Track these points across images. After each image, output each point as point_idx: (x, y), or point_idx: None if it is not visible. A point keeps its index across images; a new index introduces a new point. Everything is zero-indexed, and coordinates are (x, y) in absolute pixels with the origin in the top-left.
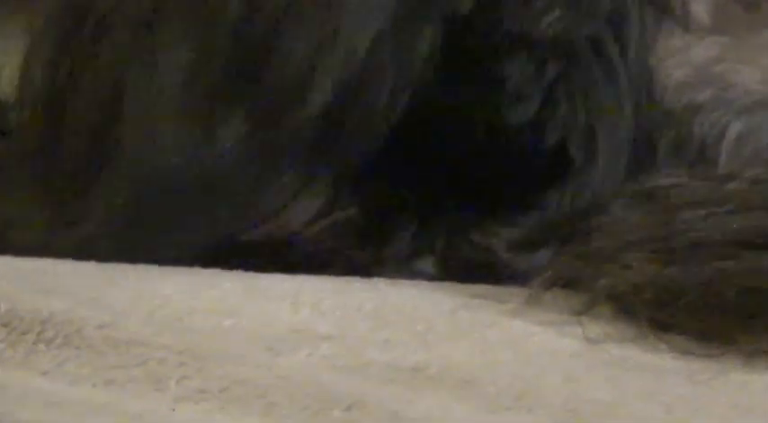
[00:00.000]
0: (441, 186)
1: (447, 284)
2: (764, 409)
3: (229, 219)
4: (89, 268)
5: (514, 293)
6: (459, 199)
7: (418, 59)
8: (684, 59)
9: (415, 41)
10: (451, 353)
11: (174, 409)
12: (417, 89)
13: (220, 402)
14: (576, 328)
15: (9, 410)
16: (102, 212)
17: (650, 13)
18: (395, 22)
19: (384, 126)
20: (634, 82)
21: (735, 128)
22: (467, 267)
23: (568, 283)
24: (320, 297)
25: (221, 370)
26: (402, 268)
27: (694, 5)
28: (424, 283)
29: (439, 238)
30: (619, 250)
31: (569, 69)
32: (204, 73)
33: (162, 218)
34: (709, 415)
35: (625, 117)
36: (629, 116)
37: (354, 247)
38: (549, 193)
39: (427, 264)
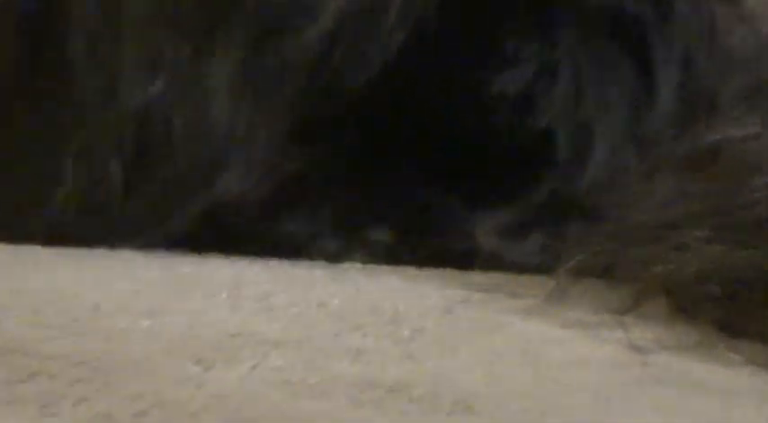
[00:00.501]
0: (414, 149)
1: (439, 272)
2: None
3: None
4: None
5: (529, 285)
6: (431, 169)
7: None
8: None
9: None
10: (445, 366)
11: None
12: (416, 25)
13: None
14: (614, 332)
15: None
16: None
17: None
18: None
19: (378, 61)
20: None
21: None
22: (440, 256)
23: (603, 272)
24: (269, 289)
25: (134, 388)
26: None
27: None
28: (410, 271)
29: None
30: (669, 227)
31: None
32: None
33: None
34: None
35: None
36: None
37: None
38: (542, 174)
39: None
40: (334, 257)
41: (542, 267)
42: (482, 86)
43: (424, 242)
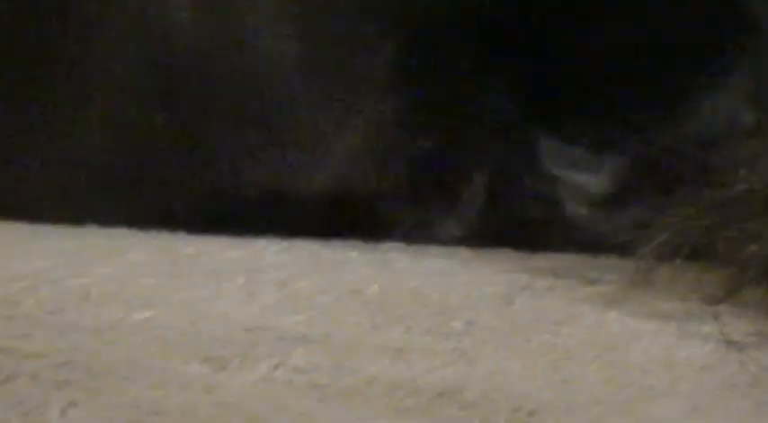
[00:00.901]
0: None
1: (496, 253)
2: None
3: None
4: None
5: (607, 268)
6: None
7: None
8: None
9: None
10: (505, 366)
11: None
12: None
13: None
14: (708, 324)
15: None
16: None
17: None
18: None
19: None
20: None
21: None
22: (511, 226)
23: (696, 254)
24: (293, 274)
25: (130, 393)
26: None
27: None
28: (463, 252)
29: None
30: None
31: None
32: None
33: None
34: None
35: None
36: None
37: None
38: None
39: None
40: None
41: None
42: None
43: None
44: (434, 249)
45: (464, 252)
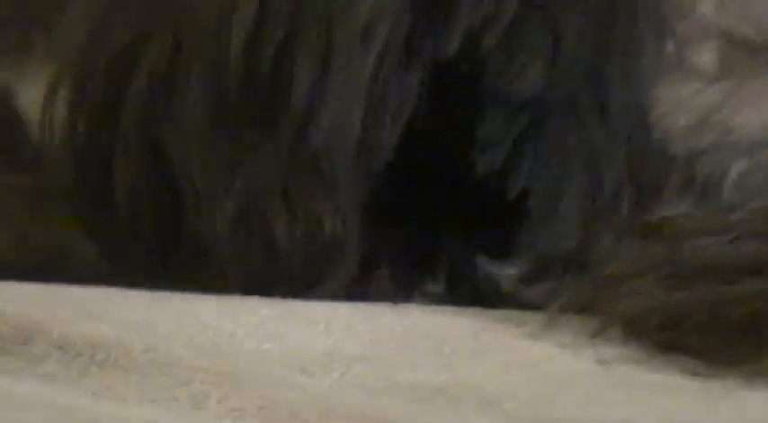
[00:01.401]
0: (435, 220)
1: (470, 310)
2: None
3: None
4: (136, 296)
5: (531, 318)
6: (454, 234)
7: (407, 99)
8: (688, 107)
9: (404, 81)
10: (474, 373)
11: None
12: (407, 127)
13: (257, 421)
14: (590, 349)
15: None
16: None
17: (655, 64)
18: (386, 59)
19: (380, 162)
20: (620, 136)
21: (736, 168)
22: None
23: (582, 308)
24: (353, 321)
25: (259, 391)
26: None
27: (701, 55)
28: (450, 309)
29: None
30: (628, 277)
31: (540, 126)
32: (221, 109)
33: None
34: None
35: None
36: (605, 167)
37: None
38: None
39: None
40: (403, 299)
41: (543, 305)
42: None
43: (464, 289)
44: (428, 308)
45: (451, 308)
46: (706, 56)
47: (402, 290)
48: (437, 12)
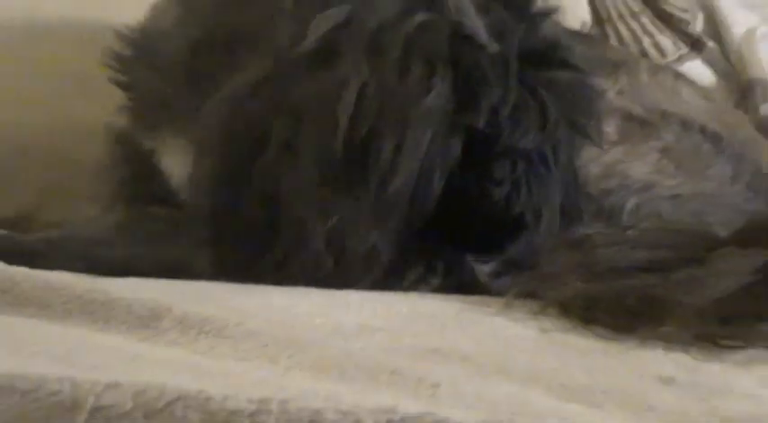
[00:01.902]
0: (452, 236)
1: (456, 296)
2: (650, 372)
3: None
4: (231, 288)
5: (496, 301)
6: (459, 244)
7: (450, 158)
8: (599, 162)
9: (450, 146)
10: (457, 339)
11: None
12: (448, 177)
13: (314, 371)
14: (534, 322)
15: (169, 378)
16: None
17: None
18: (440, 131)
19: (430, 202)
20: (563, 177)
21: (630, 203)
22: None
23: (529, 295)
24: (376, 305)
25: (314, 351)
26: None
27: (607, 127)
28: (440, 295)
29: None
30: (561, 274)
31: (528, 168)
32: (327, 171)
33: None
34: (614, 375)
35: (556, 199)
36: (559, 199)
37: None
38: (513, 242)
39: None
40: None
41: (505, 292)
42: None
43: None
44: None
45: (440, 295)
46: (610, 127)
47: (412, 282)
48: (471, 100)
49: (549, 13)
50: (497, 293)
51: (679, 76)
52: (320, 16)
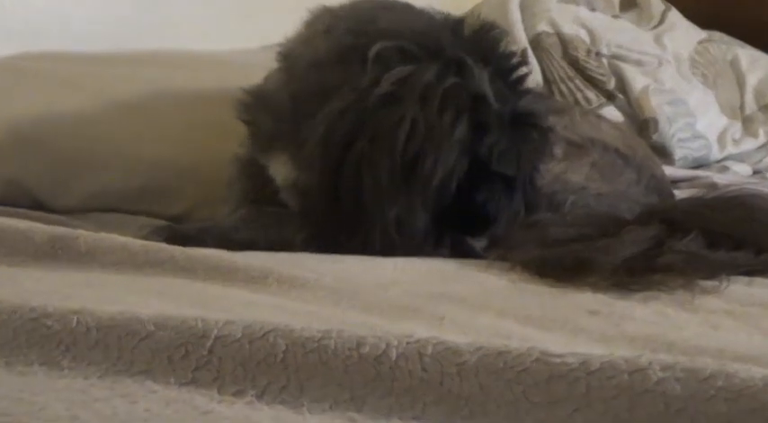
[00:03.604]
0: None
1: (456, 259)
2: (582, 307)
3: None
4: (315, 257)
5: (483, 263)
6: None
7: (462, 171)
8: (550, 172)
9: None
10: (456, 287)
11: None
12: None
13: (361, 311)
14: (507, 275)
15: (267, 316)
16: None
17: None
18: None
19: (449, 198)
20: (526, 185)
21: (570, 199)
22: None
23: (503, 258)
24: (405, 265)
25: (365, 297)
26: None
27: (555, 149)
28: (448, 259)
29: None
30: (523, 244)
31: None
32: (391, 176)
33: None
34: (558, 309)
35: (518, 205)
36: (522, 202)
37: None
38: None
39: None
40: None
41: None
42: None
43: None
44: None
45: (450, 259)
46: (557, 149)
47: (432, 251)
48: (478, 137)
49: (530, 90)
50: (484, 258)
51: (600, 116)
52: (389, 74)
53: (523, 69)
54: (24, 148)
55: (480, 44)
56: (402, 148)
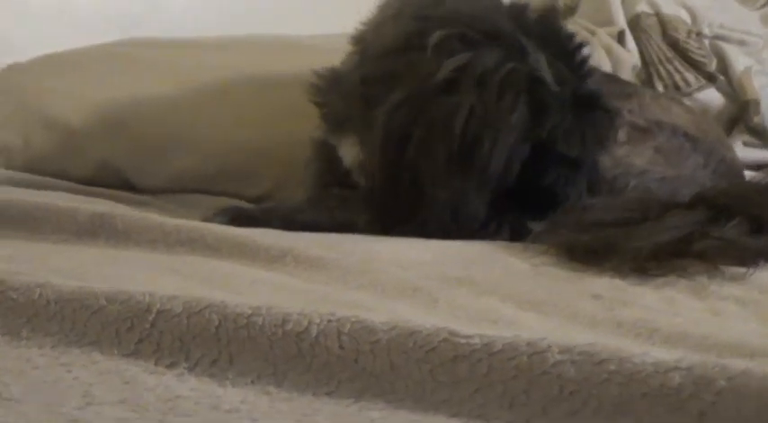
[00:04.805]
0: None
1: (494, 242)
2: (588, 291)
3: None
4: (355, 238)
5: (520, 246)
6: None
7: (523, 156)
8: (612, 156)
9: (523, 148)
10: (476, 271)
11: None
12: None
13: (384, 290)
14: (532, 259)
15: (267, 296)
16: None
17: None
18: (519, 138)
19: (510, 183)
20: (589, 169)
21: (631, 184)
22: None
23: (537, 240)
24: (435, 247)
25: (385, 275)
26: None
27: (619, 133)
28: (485, 242)
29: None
30: (558, 227)
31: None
32: (449, 161)
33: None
34: (564, 294)
35: (582, 187)
36: (584, 185)
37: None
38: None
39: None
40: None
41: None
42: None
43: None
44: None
45: (490, 242)
46: (621, 133)
47: (490, 235)
48: (539, 121)
49: (594, 70)
50: (538, 241)
51: (673, 98)
52: (447, 61)
53: (585, 51)
54: (114, 131)
55: (540, 27)
56: (459, 134)
